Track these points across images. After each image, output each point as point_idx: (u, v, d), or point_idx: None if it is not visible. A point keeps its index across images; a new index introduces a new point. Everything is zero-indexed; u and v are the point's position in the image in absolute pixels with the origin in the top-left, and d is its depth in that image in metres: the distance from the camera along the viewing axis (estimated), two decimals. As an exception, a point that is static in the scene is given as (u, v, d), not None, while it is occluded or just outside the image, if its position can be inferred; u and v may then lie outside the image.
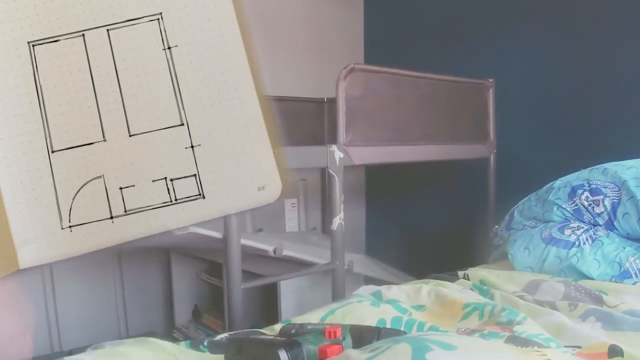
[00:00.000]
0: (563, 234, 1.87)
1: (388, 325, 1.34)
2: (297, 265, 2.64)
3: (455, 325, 1.39)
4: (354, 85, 2.41)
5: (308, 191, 3.85)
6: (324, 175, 3.88)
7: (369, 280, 3.00)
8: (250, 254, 2.45)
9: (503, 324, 1.30)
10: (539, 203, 2.13)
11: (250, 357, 1.06)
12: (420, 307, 1.53)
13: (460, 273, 1.85)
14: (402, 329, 1.33)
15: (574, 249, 1.78)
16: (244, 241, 2.16)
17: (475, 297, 1.54)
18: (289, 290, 2.68)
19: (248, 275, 2.69)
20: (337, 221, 2.35)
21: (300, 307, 2.57)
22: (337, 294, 2.36)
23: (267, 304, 2.91)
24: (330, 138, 2.48)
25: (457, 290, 1.62)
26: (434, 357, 0.91)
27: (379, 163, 2.61)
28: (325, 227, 3.93)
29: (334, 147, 2.32)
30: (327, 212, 3.79)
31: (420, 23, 3.89)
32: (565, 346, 1.25)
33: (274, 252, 2.58)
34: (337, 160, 2.32)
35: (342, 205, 2.35)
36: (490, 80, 3.14)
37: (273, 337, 1.22)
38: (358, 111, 2.44)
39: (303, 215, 3.81)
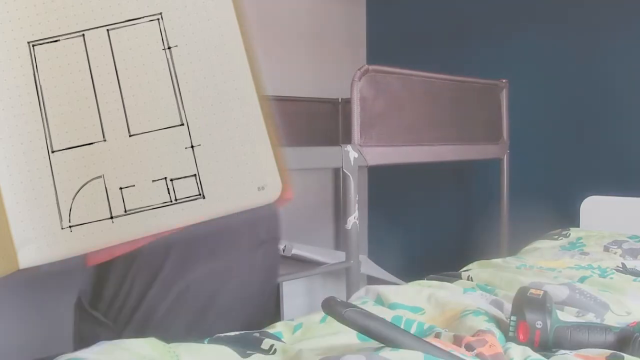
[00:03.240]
0: None
1: None
2: (304, 265, 2.64)
3: (454, 325, 1.39)
4: (368, 86, 2.41)
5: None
6: (337, 176, 3.90)
7: (371, 281, 3.00)
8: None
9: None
10: None
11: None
12: (419, 310, 1.52)
13: (464, 274, 1.83)
14: (401, 326, 1.32)
15: None
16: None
17: (476, 302, 1.52)
18: (291, 290, 2.68)
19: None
20: (352, 220, 2.35)
21: (301, 307, 2.56)
22: (352, 294, 2.36)
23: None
24: (345, 138, 2.49)
25: (459, 293, 1.60)
26: None
27: (393, 163, 2.61)
28: (338, 227, 3.93)
29: (349, 148, 2.32)
30: (339, 212, 3.80)
31: (424, 23, 3.87)
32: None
33: (283, 250, 2.58)
34: (352, 160, 2.33)
35: (357, 205, 2.36)
36: (504, 80, 3.12)
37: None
38: (372, 112, 2.44)
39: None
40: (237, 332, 1.28)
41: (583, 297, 1.55)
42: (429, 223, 3.87)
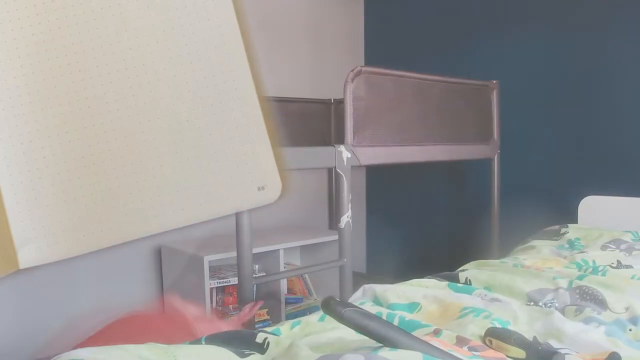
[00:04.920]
0: None
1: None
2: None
3: (451, 324, 1.39)
4: (360, 87, 2.42)
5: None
6: (330, 175, 3.91)
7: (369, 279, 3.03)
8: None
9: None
10: None
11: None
12: (416, 306, 1.53)
13: (462, 276, 1.84)
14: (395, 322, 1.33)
15: None
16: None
17: (474, 303, 1.52)
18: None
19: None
20: (345, 219, 2.37)
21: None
22: (345, 291, 2.39)
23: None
24: (338, 139, 2.50)
25: (455, 291, 1.61)
26: None
27: (385, 163, 2.62)
28: (332, 224, 3.96)
29: (342, 148, 2.34)
30: (333, 210, 3.83)
31: (421, 25, 3.89)
32: (564, 347, 1.25)
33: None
34: (345, 160, 2.34)
35: (350, 204, 2.38)
36: (495, 81, 3.14)
37: None
38: (365, 112, 2.46)
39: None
40: (233, 330, 1.28)
41: (581, 297, 1.56)
42: (425, 222, 3.89)
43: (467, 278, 1.82)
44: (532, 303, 1.60)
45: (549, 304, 1.57)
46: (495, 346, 1.24)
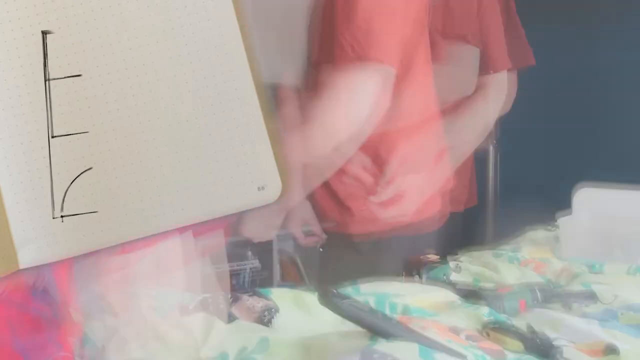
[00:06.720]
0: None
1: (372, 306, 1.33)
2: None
3: (445, 311, 1.40)
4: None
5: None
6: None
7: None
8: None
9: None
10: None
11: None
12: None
13: (452, 264, 1.83)
14: (386, 310, 1.32)
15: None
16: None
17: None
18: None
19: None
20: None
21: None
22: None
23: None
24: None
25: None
26: None
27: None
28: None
29: (346, 146, 2.34)
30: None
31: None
32: (559, 337, 1.26)
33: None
34: (346, 158, 2.34)
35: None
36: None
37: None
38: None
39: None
40: None
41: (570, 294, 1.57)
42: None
43: (457, 265, 1.82)
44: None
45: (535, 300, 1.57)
46: (492, 338, 1.25)
